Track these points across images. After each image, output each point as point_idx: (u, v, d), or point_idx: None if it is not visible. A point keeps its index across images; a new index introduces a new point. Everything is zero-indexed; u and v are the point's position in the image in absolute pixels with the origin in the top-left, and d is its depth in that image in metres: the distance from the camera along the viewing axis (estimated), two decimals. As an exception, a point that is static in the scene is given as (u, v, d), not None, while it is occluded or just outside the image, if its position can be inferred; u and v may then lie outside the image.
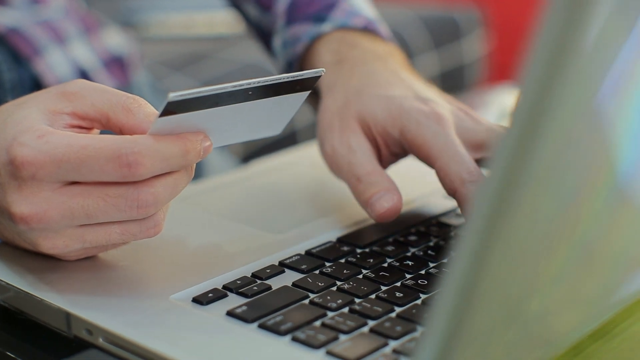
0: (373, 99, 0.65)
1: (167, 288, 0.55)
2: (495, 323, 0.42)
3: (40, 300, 0.54)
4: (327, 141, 0.66)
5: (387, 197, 0.61)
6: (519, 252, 0.40)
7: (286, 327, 0.51)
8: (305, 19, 0.78)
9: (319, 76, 0.56)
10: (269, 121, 0.59)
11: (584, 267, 0.47)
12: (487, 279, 0.37)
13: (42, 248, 0.54)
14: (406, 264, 0.59)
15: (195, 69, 1.41)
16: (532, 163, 0.36)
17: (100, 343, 0.51)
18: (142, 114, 0.55)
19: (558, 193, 0.40)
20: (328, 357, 0.49)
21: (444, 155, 0.61)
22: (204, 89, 0.52)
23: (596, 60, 0.37)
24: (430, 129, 0.62)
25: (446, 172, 0.61)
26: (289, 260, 0.59)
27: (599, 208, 0.45)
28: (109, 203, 0.53)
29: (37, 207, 0.52)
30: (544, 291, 0.45)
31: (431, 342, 0.38)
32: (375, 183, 0.62)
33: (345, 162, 0.64)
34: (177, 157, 0.53)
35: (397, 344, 0.50)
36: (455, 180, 0.60)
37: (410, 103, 0.64)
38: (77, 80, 0.56)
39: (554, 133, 0.36)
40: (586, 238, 0.45)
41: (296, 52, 0.77)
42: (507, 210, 0.36)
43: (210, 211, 0.66)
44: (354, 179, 0.63)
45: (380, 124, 0.64)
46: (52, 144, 0.52)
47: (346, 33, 0.74)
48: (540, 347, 0.48)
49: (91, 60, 0.99)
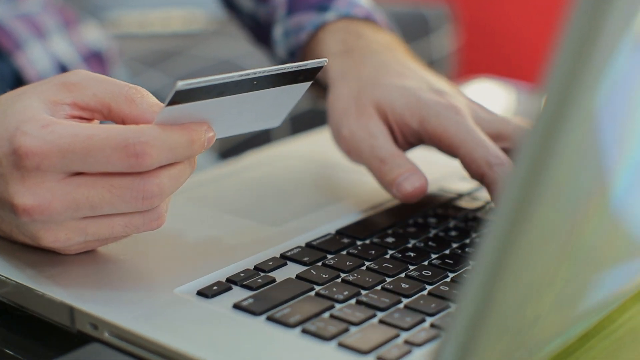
0: (390, 88, 0.66)
1: (170, 281, 0.54)
2: (505, 332, 0.41)
3: (42, 295, 0.53)
4: (344, 126, 0.67)
5: (413, 177, 0.63)
6: (532, 263, 0.40)
7: (295, 319, 0.51)
8: (307, 8, 0.78)
9: (321, 66, 0.56)
10: (270, 112, 0.58)
11: (572, 270, 0.46)
12: (502, 290, 0.37)
13: (43, 241, 0.53)
14: (408, 255, 0.59)
15: (168, 66, 1.40)
16: (550, 172, 0.36)
17: (105, 337, 0.50)
18: (145, 104, 0.54)
19: (568, 201, 0.40)
20: (340, 348, 0.49)
21: (467, 143, 0.62)
22: (210, 77, 0.51)
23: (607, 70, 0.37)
24: (450, 120, 0.63)
25: (472, 157, 0.62)
26: (290, 253, 0.58)
27: (593, 217, 0.44)
28: (114, 194, 0.52)
29: (40, 198, 0.51)
30: (538, 297, 0.44)
31: (451, 341, 0.38)
32: (401, 165, 0.64)
33: (366, 145, 0.65)
34: (182, 147, 0.52)
35: (409, 335, 0.50)
36: (483, 165, 0.62)
37: (427, 95, 0.65)
38: (77, 71, 0.56)
39: (570, 146, 0.36)
40: (578, 245, 0.45)
41: (299, 41, 0.77)
42: (524, 221, 0.36)
43: (206, 204, 0.66)
44: (377, 162, 0.64)
45: (398, 114, 0.65)
46: (57, 133, 0.51)
47: (350, 22, 0.75)
48: (528, 352, 0.47)
49: (71, 55, 0.98)
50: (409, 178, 0.63)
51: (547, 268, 0.42)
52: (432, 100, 0.65)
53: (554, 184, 0.37)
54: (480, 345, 0.38)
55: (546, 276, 0.43)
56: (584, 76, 0.35)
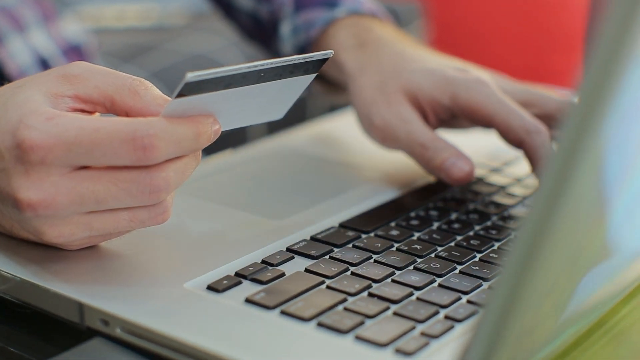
0: (414, 73, 0.68)
1: (179, 276, 0.53)
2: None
3: (49, 291, 0.51)
4: (375, 115, 0.68)
5: (460, 162, 0.65)
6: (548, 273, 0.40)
7: (310, 312, 0.50)
8: (316, 5, 0.79)
9: (327, 58, 0.56)
10: (274, 105, 0.57)
11: (568, 277, 0.46)
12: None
13: (47, 237, 0.52)
14: (414, 247, 0.59)
15: (143, 60, 1.38)
16: (571, 188, 0.36)
17: (117, 333, 0.49)
18: (149, 97, 0.53)
19: (584, 213, 0.40)
20: (357, 341, 0.48)
21: (501, 112, 0.65)
22: (219, 69, 0.50)
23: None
24: (481, 92, 0.66)
25: (508, 126, 0.64)
26: (297, 246, 0.58)
27: (594, 227, 0.44)
28: (120, 188, 0.51)
29: (45, 193, 0.50)
30: (539, 305, 0.44)
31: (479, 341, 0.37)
32: (444, 148, 0.65)
33: (402, 131, 0.67)
34: (190, 140, 0.52)
35: (424, 327, 0.50)
36: (520, 132, 0.64)
37: (452, 73, 0.68)
38: (78, 63, 0.54)
39: (589, 165, 0.37)
40: (577, 255, 0.45)
41: (310, 37, 0.78)
42: (549, 231, 0.37)
43: (205, 197, 0.65)
44: (418, 147, 0.66)
45: (428, 94, 0.67)
46: (63, 126, 0.50)
47: (359, 18, 0.77)
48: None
49: (50, 48, 0.96)
50: (455, 163, 0.65)
51: (556, 277, 0.42)
52: (459, 76, 0.67)
53: (574, 199, 0.37)
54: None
55: (550, 284, 0.43)
56: (603, 108, 0.35)
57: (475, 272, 0.56)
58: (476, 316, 0.38)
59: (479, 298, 0.53)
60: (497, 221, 0.63)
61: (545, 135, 0.64)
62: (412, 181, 0.69)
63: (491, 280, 0.55)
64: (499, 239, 0.60)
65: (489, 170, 0.72)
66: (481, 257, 0.58)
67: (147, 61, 1.38)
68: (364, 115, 0.69)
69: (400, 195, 0.67)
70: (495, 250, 0.59)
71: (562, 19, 2.31)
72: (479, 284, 0.54)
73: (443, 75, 0.67)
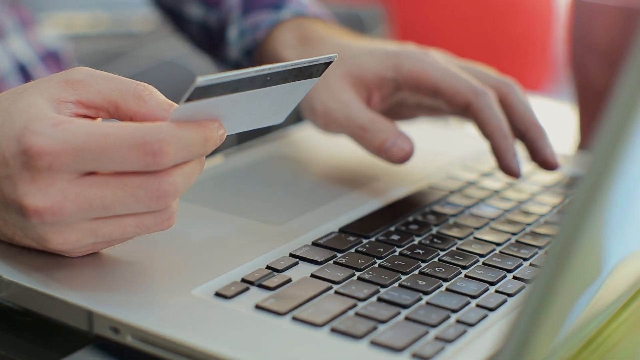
0: (357, 57, 0.69)
1: (185, 283, 0.53)
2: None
3: (56, 299, 0.51)
4: (316, 102, 0.69)
5: (400, 141, 0.65)
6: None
7: (322, 318, 0.50)
8: (263, 7, 0.80)
9: (332, 61, 0.56)
10: (276, 109, 0.57)
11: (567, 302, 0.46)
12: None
13: (52, 243, 0.51)
14: (417, 252, 0.58)
15: (113, 67, 1.37)
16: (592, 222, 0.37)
17: (128, 341, 0.49)
18: (154, 102, 0.53)
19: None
20: (372, 347, 0.48)
21: (446, 77, 0.66)
22: (228, 74, 0.50)
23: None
24: (424, 60, 0.67)
25: (455, 89, 0.65)
26: (300, 252, 0.57)
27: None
28: (128, 193, 0.50)
29: (52, 200, 0.49)
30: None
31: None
32: (383, 129, 0.65)
33: (342, 115, 0.67)
34: (198, 145, 0.51)
35: (437, 331, 0.50)
36: (468, 93, 0.65)
37: (394, 48, 0.68)
38: (80, 68, 0.54)
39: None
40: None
41: (256, 39, 0.79)
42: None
43: (202, 203, 0.64)
44: (357, 129, 0.66)
45: (372, 71, 0.68)
46: (71, 132, 0.49)
47: (304, 20, 0.78)
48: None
49: (29, 55, 0.95)
50: (396, 143, 0.65)
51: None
52: (401, 49, 0.68)
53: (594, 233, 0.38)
54: None
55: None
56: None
57: (481, 275, 0.56)
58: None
59: (487, 302, 0.53)
60: (495, 225, 0.63)
61: (490, 95, 0.65)
62: (408, 185, 0.69)
63: (496, 284, 0.55)
64: (498, 242, 0.61)
65: (480, 175, 0.72)
66: (484, 262, 0.58)
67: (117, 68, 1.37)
68: (306, 105, 0.70)
69: (396, 200, 0.67)
70: (497, 254, 0.59)
71: (516, 23, 2.37)
72: (486, 287, 0.54)
73: (384, 51, 0.68)
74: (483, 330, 0.50)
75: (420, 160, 0.72)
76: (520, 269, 0.57)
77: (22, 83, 0.93)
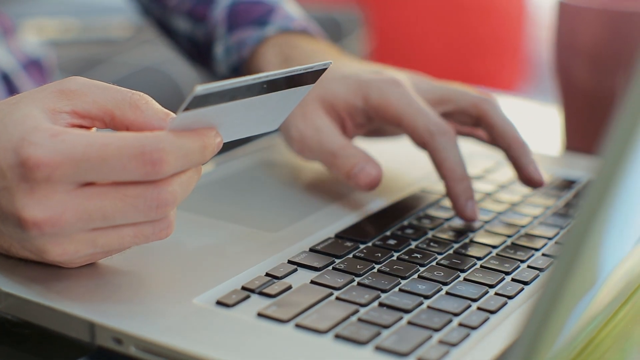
0: (330, 81, 0.68)
1: (186, 292, 0.53)
2: None
3: (57, 310, 0.50)
4: (292, 128, 0.68)
5: (368, 167, 0.64)
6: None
7: (325, 325, 0.50)
8: (248, 24, 0.80)
9: (326, 68, 0.56)
10: (270, 116, 0.57)
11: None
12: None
13: (50, 255, 0.51)
14: (414, 256, 0.59)
15: (93, 74, 1.36)
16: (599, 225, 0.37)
17: (131, 352, 0.48)
18: (150, 111, 0.52)
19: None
20: (377, 352, 0.48)
21: (409, 113, 0.65)
22: (226, 82, 0.50)
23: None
24: (392, 93, 0.66)
25: (414, 127, 0.64)
26: (298, 258, 0.57)
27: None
28: (127, 203, 0.50)
29: (51, 211, 0.49)
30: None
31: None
32: (352, 155, 0.65)
33: (315, 142, 0.67)
34: (196, 153, 0.51)
35: (441, 335, 0.50)
36: (424, 134, 0.64)
37: (366, 75, 0.68)
38: (73, 78, 0.53)
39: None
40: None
41: (242, 57, 0.79)
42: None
43: (197, 211, 0.64)
44: (328, 156, 0.66)
45: (343, 99, 0.67)
46: (70, 143, 0.49)
47: (288, 35, 0.78)
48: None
49: (11, 63, 0.95)
50: (364, 168, 0.64)
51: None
52: (372, 78, 0.67)
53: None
54: None
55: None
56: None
57: (479, 278, 0.56)
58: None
59: (488, 304, 0.53)
60: (490, 228, 0.64)
61: (449, 136, 0.64)
62: (401, 190, 0.70)
63: (496, 286, 0.55)
64: (494, 245, 0.61)
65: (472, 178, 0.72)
66: (482, 264, 0.58)
67: (97, 74, 1.36)
68: (283, 128, 0.69)
69: (390, 204, 0.67)
70: (494, 257, 0.59)
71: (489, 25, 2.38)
72: (486, 290, 0.55)
73: (357, 79, 0.67)
74: (486, 333, 0.50)
75: (411, 164, 0.72)
76: (517, 271, 0.58)
77: (5, 92, 0.93)
